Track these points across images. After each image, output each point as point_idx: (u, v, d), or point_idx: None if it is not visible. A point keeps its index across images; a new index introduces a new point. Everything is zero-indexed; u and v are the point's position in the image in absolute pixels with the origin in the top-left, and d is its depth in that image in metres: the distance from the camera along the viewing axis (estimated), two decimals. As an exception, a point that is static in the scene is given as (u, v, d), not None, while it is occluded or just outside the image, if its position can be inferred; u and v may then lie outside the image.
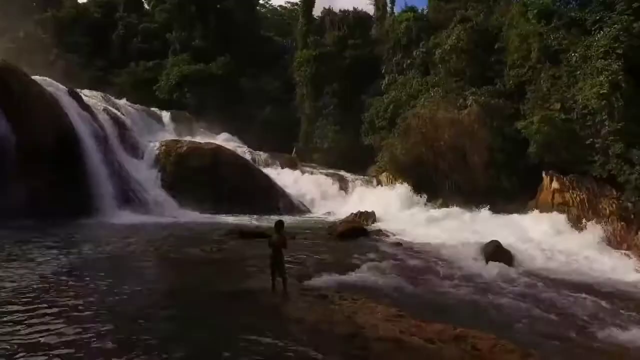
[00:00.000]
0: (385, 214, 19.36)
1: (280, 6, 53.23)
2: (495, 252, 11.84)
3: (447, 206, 21.35)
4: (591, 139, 19.03)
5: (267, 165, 27.11)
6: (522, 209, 19.90)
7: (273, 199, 22.85)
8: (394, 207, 21.78)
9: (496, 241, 12.25)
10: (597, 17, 20.72)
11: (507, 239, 12.91)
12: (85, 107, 20.01)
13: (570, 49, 21.09)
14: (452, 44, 26.90)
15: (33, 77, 17.90)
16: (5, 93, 15.26)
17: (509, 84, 24.64)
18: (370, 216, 18.35)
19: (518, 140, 22.27)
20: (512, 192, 21.84)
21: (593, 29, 20.68)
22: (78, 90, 21.90)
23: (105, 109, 22.52)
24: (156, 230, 14.19)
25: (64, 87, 20.15)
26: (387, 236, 15.04)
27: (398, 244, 13.56)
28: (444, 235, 14.93)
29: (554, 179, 19.68)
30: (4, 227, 12.33)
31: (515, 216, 18.70)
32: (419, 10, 35.21)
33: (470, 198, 21.09)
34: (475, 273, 10.51)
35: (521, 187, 21.49)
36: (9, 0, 46.13)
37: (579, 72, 20.36)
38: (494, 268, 10.87)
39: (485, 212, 19.38)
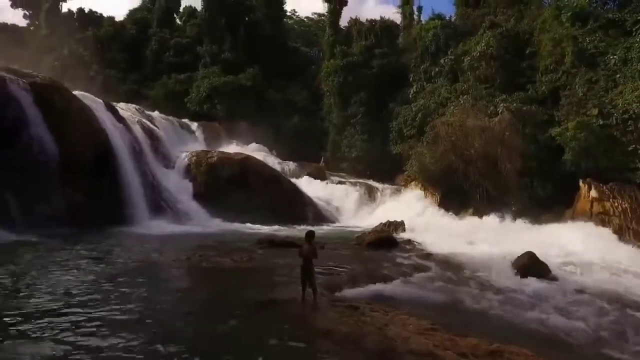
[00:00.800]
0: (415, 224, 19.04)
1: (307, 17, 53.89)
2: (531, 264, 11.33)
3: (479, 215, 20.88)
4: (634, 145, 18.26)
5: (295, 174, 27.30)
6: (558, 218, 19.25)
7: (302, 208, 22.94)
8: (423, 217, 21.46)
9: (531, 252, 11.73)
10: (639, 17, 20.01)
11: (542, 250, 12.32)
12: (120, 119, 20.71)
13: (608, 51, 20.42)
14: (481, 50, 26.53)
15: (74, 92, 18.73)
16: (50, 108, 15.99)
17: (541, 89, 24.03)
18: (399, 226, 18.11)
19: (552, 148, 21.63)
20: (547, 201, 21.18)
21: (634, 29, 19.95)
22: (114, 103, 22.73)
23: (139, 121, 23.23)
24: (188, 240, 14.46)
25: (102, 101, 20.95)
26: (417, 246, 14.79)
27: (428, 255, 13.31)
28: (476, 246, 14.58)
29: (592, 187, 18.95)
30: (46, 235, 12.91)
31: (551, 226, 18.04)
32: (446, 18, 35.00)
33: (502, 207, 20.56)
34: (509, 286, 10.15)
35: (557, 196, 20.82)
36: (56, 21, 49.14)
37: (618, 76, 19.65)
38: (529, 281, 10.43)
39: (518, 222, 18.81)
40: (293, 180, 25.47)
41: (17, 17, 53.99)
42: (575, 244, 15.05)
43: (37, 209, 14.79)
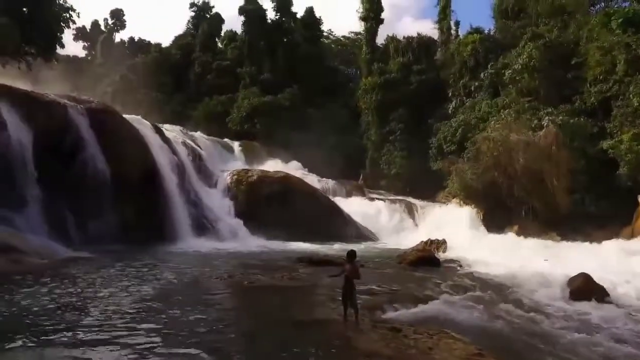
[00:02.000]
0: (457, 242, 18.49)
1: (343, 36, 54.52)
2: (585, 286, 10.52)
3: (524, 234, 20.06)
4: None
5: (334, 192, 27.32)
6: (614, 236, 18.14)
7: (341, 226, 22.86)
8: (466, 235, 20.82)
9: (586, 274, 10.93)
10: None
11: (597, 272, 11.50)
12: (166, 140, 21.60)
13: (665, 57, 19.39)
14: (523, 62, 25.87)
15: (124, 115, 19.78)
16: (102, 131, 17.01)
17: (590, 101, 23.07)
18: (441, 244, 17.67)
19: (604, 161, 20.61)
20: (600, 218, 20.08)
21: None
22: (160, 125, 23.77)
23: (183, 141, 24.11)
24: (229, 257, 14.71)
25: (149, 123, 21.97)
26: (461, 266, 14.33)
27: (472, 274, 12.85)
28: (524, 266, 13.91)
29: (653, 203, 17.81)
30: (99, 251, 13.65)
31: (606, 245, 17.00)
32: (485, 31, 34.47)
33: (550, 225, 19.70)
34: (561, 309, 9.57)
35: (611, 213, 19.72)
36: (109, 50, 52.87)
37: (677, 82, 18.58)
38: (584, 305, 9.73)
39: (569, 240, 17.90)
40: (332, 197, 25.48)
41: (77, 49, 59.04)
42: (636, 265, 14.01)
43: (91, 226, 15.65)
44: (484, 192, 23.43)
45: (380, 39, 40.85)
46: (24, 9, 15.59)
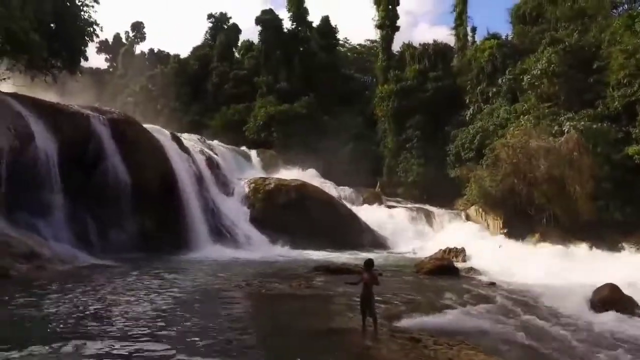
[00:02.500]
0: (476, 251, 18.22)
1: (359, 44, 54.65)
2: (612, 297, 10.01)
3: (545, 242, 19.63)
4: None
5: (351, 200, 27.26)
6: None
7: (358, 234, 22.77)
8: (485, 243, 20.48)
9: (613, 284, 10.45)
10: None
11: (626, 282, 11.06)
12: (184, 149, 21.91)
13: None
14: (542, 68, 25.50)
15: (144, 125, 20.14)
16: (123, 141, 17.37)
17: (613, 105, 22.56)
18: (460, 253, 17.43)
19: (630, 167, 20.11)
20: (626, 225, 19.56)
21: None
22: (178, 134, 24.13)
23: (201, 150, 24.42)
24: (246, 266, 14.77)
25: (168, 132, 22.34)
26: (480, 275, 14.09)
27: (492, 285, 12.62)
28: (545, 276, 13.58)
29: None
30: (119, 259, 13.90)
31: (635, 253, 16.48)
32: (502, 37, 34.18)
33: (572, 232, 19.25)
34: (585, 321, 9.27)
35: (638, 219, 19.12)
36: (130, 62, 54.44)
37: None
38: (611, 317, 9.35)
39: (593, 249, 17.43)
40: (349, 205, 25.42)
41: (100, 61, 61.73)
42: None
43: (112, 234, 15.94)
44: (503, 199, 23.05)
45: (396, 46, 40.87)
46: (52, 25, 16.09)
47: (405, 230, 24.94)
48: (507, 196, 22.82)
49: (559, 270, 14.17)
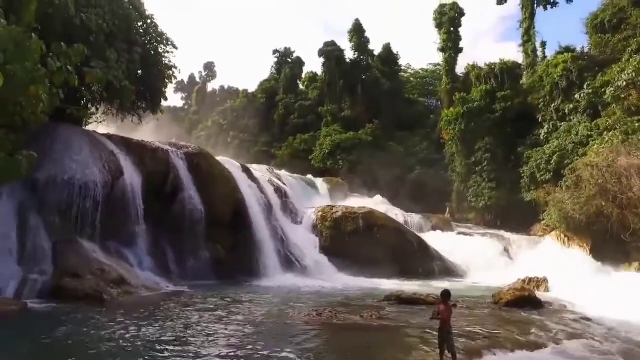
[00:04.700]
0: (560, 281, 16.77)
1: (421, 69, 54.34)
2: None
3: (644, 271, 17.66)
4: None
5: (419, 226, 26.55)
6: None
7: (428, 261, 22.01)
8: (570, 273, 18.80)
9: None
10: None
11: None
12: (253, 179, 22.74)
13: None
14: (628, 78, 23.62)
15: (216, 157, 21.29)
16: (198, 172, 18.46)
17: None
18: (541, 283, 16.16)
19: None
20: None
21: None
22: (248, 164, 25.16)
23: (269, 180, 25.17)
24: (316, 294, 14.76)
25: (238, 163, 23.37)
26: (568, 308, 12.89)
27: (583, 318, 11.48)
28: (646, 309, 12.15)
29: None
30: (195, 285, 14.65)
31: None
32: (577, 49, 32.27)
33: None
34: None
35: None
36: (202, 98, 58.80)
37: None
38: None
39: None
40: (417, 232, 24.75)
41: (176, 99, 69.25)
42: None
43: (187, 261, 16.78)
44: (589, 224, 21.21)
45: (459, 68, 40.11)
46: (139, 71, 17.82)
47: (478, 258, 23.65)
48: (594, 220, 20.98)
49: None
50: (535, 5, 36.29)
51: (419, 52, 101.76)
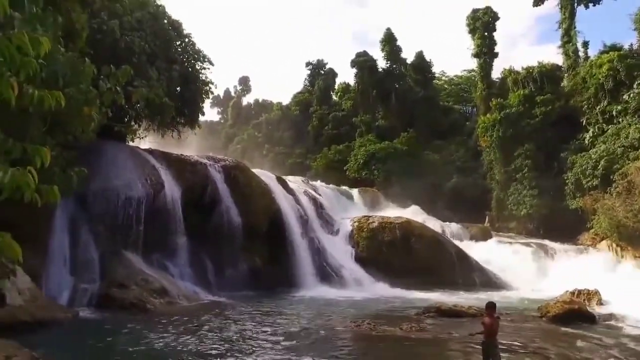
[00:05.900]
0: (614, 293, 15.78)
1: (456, 75, 53.43)
2: None
3: None
4: None
5: (458, 236, 25.85)
6: None
7: (467, 272, 21.36)
8: (625, 285, 17.72)
9: None
10: None
11: None
12: (289, 190, 22.89)
13: None
14: (684, 75, 22.25)
15: (252, 169, 21.66)
16: (235, 185, 18.82)
17: None
18: (593, 296, 15.26)
19: None
20: None
21: None
22: (283, 176, 25.41)
23: (305, 191, 25.26)
24: (353, 306, 14.64)
25: (274, 176, 23.64)
26: (627, 324, 12.05)
27: (645, 336, 10.77)
28: None
29: None
30: (233, 296, 14.83)
31: None
32: (625, 47, 30.73)
33: None
34: None
35: None
36: (238, 112, 60.41)
37: None
38: None
39: None
40: (456, 242, 24.11)
41: (213, 114, 71.76)
42: None
43: (226, 272, 17.05)
44: (644, 232, 20.04)
45: (495, 73, 39.12)
46: (178, 88, 18.53)
47: (521, 269, 22.72)
48: (649, 229, 19.82)
49: None
50: (575, 4, 34.98)
51: (453, 58, 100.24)
